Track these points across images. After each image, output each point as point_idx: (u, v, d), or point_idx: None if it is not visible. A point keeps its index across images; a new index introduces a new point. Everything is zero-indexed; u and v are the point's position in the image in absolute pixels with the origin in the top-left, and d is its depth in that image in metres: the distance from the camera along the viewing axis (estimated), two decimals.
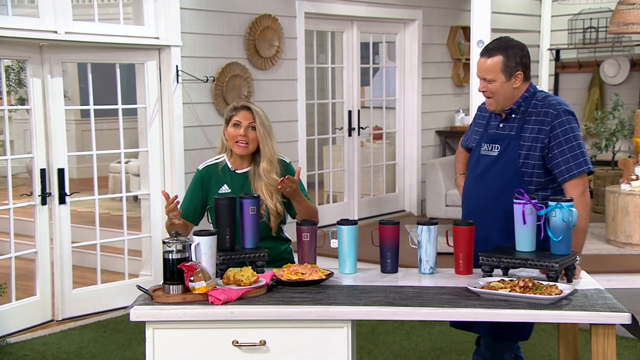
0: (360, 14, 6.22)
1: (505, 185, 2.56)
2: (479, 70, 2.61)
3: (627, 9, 5.76)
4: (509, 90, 2.58)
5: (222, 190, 2.75)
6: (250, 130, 2.73)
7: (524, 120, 2.61)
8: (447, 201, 6.12)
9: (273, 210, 2.71)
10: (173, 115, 4.85)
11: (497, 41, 2.61)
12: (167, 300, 2.27)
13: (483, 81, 2.59)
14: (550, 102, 2.61)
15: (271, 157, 2.73)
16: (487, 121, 2.76)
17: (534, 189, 2.59)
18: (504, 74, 2.55)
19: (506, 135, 2.64)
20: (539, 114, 2.60)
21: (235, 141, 2.73)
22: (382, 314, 2.23)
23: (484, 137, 2.73)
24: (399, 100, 6.81)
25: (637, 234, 5.20)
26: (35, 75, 4.31)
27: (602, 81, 7.70)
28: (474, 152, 2.78)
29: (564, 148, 2.55)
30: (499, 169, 2.63)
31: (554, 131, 2.56)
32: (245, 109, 2.74)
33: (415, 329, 4.22)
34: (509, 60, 2.55)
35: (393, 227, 2.59)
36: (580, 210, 2.50)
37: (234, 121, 2.74)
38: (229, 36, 5.23)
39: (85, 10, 6.35)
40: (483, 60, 2.59)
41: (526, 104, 2.63)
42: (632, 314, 2.14)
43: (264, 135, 2.73)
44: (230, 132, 2.75)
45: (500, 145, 2.65)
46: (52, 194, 4.38)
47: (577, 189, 2.55)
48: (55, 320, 4.46)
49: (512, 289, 2.25)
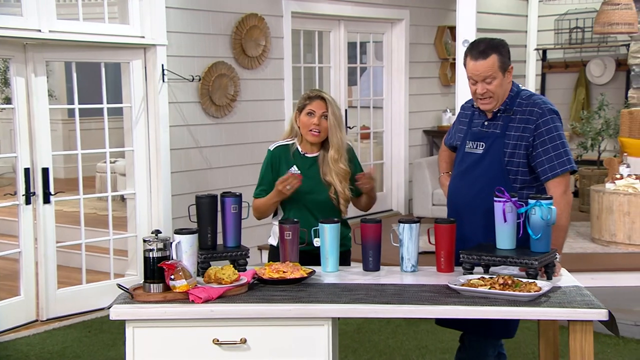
0: (348, 14, 6.23)
1: (491, 183, 2.57)
2: (476, 74, 2.57)
3: (611, 9, 5.80)
4: (505, 86, 2.61)
5: (292, 171, 2.82)
6: (323, 119, 2.79)
7: (509, 119, 2.63)
8: (433, 200, 6.14)
9: (342, 193, 2.79)
10: (159, 115, 4.84)
11: (483, 43, 2.60)
12: (147, 298, 2.26)
13: (482, 83, 2.57)
14: (535, 101, 2.63)
15: (339, 146, 2.80)
16: (469, 119, 2.77)
17: (519, 186, 2.61)
18: (501, 71, 2.57)
19: (491, 133, 2.66)
20: (523, 113, 2.61)
21: (309, 129, 2.80)
22: (362, 311, 2.24)
23: (468, 135, 2.75)
24: (386, 100, 6.82)
25: (621, 232, 5.25)
26: (18, 74, 4.29)
27: (588, 81, 7.75)
28: (459, 150, 2.80)
29: (547, 147, 2.57)
30: (484, 166, 2.65)
31: (539, 130, 2.58)
32: (319, 99, 2.81)
33: (401, 328, 4.23)
34: (503, 56, 2.57)
35: (375, 226, 2.60)
36: (562, 209, 2.51)
37: (308, 109, 2.80)
38: (215, 35, 5.23)
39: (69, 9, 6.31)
40: (479, 63, 2.55)
41: (511, 102, 2.64)
42: (609, 310, 2.15)
43: (334, 125, 2.80)
44: (303, 120, 2.81)
45: (485, 143, 2.66)
46: (36, 194, 4.36)
47: (560, 187, 2.57)
48: (40, 320, 4.44)
49: (491, 286, 2.26)
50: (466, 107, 2.84)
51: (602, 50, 7.67)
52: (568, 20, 7.78)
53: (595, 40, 7.55)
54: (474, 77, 2.59)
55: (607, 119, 6.83)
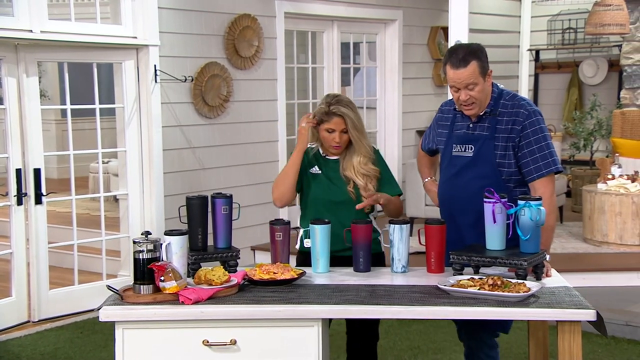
0: (341, 14, 6.24)
1: (485, 185, 2.57)
2: (458, 82, 2.57)
3: (603, 10, 5.82)
4: (487, 90, 2.62)
5: (313, 171, 2.81)
6: (343, 134, 2.77)
7: (495, 121, 2.64)
8: (426, 201, 6.14)
9: (362, 186, 2.75)
10: (151, 115, 4.84)
11: (461, 49, 2.59)
12: (137, 300, 2.26)
13: (465, 90, 2.57)
14: (520, 102, 2.65)
15: (366, 152, 2.78)
16: (451, 122, 2.77)
17: (512, 186, 2.62)
18: (482, 76, 2.58)
19: (479, 135, 2.66)
20: (510, 114, 2.63)
21: (330, 144, 2.79)
22: (352, 312, 2.24)
23: (453, 138, 2.74)
24: (379, 100, 6.83)
25: (613, 232, 5.27)
26: (10, 74, 4.28)
27: (581, 81, 7.78)
28: (444, 154, 2.79)
29: (533, 148, 2.59)
30: (476, 169, 2.65)
31: (525, 131, 2.59)
32: (337, 116, 2.75)
33: (393, 328, 4.24)
34: (482, 61, 2.58)
35: (365, 227, 2.60)
36: (549, 209, 2.53)
37: (327, 127, 2.76)
38: (207, 36, 5.22)
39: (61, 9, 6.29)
40: (460, 71, 2.55)
41: (495, 104, 2.66)
42: (597, 311, 2.16)
43: (357, 137, 2.77)
44: (324, 136, 2.79)
45: (474, 146, 2.67)
46: (28, 194, 4.35)
47: (546, 188, 2.58)
48: (32, 321, 4.43)
49: (481, 286, 2.27)
50: (445, 110, 2.83)
51: (594, 50, 7.70)
52: (561, 20, 7.80)
53: (588, 40, 7.58)
54: (456, 85, 2.59)
55: (599, 119, 6.86)
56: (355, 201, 2.74)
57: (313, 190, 2.79)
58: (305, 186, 2.81)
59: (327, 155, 2.83)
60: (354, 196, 2.75)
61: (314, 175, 2.80)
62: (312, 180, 2.80)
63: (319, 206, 2.77)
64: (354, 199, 2.74)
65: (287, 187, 2.78)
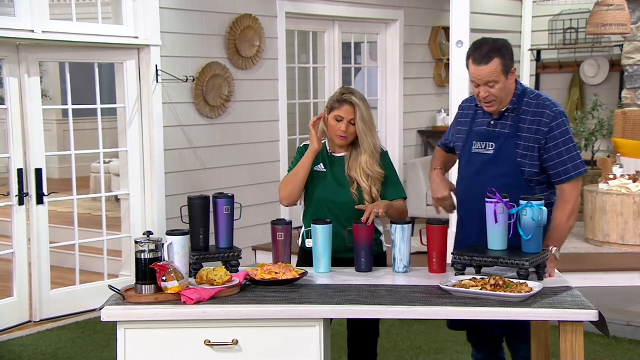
0: (342, 14, 6.24)
1: (506, 184, 2.55)
2: (478, 78, 2.54)
3: (604, 11, 5.82)
4: (509, 88, 2.58)
5: (318, 169, 2.78)
6: (350, 125, 2.74)
7: (518, 119, 2.60)
8: (427, 201, 6.14)
9: (367, 190, 2.73)
10: (153, 115, 4.84)
11: (485, 45, 2.55)
12: (139, 300, 2.26)
13: (485, 87, 2.54)
14: (546, 102, 2.61)
15: (372, 151, 2.75)
16: (471, 119, 2.73)
17: (533, 186, 2.60)
18: (504, 74, 2.53)
19: (500, 133, 2.62)
20: (535, 114, 2.59)
21: (336, 134, 2.75)
22: (354, 312, 2.24)
23: (473, 135, 2.70)
24: (380, 100, 6.83)
25: (614, 233, 5.27)
26: (12, 74, 4.28)
27: (582, 81, 7.77)
28: (463, 151, 2.74)
29: (561, 150, 2.57)
30: (497, 167, 2.62)
31: (552, 133, 2.57)
32: (348, 104, 2.73)
33: (395, 328, 4.24)
34: (505, 59, 2.53)
35: (366, 227, 2.60)
36: (573, 210, 2.55)
37: (336, 115, 2.74)
38: (209, 36, 5.23)
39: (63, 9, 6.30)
40: (482, 68, 2.51)
41: (519, 101, 2.62)
42: (599, 311, 2.16)
43: (364, 131, 2.74)
44: (331, 124, 2.76)
45: (494, 143, 2.63)
46: (29, 194, 4.35)
47: (574, 190, 2.59)
48: (33, 321, 4.43)
49: (483, 287, 2.27)
50: (465, 106, 2.80)
51: (596, 50, 7.69)
52: (562, 21, 7.80)
53: (589, 41, 7.57)
54: (476, 81, 2.56)
55: (600, 119, 6.85)
56: (357, 203, 2.72)
57: (317, 189, 2.78)
58: (309, 184, 2.79)
59: (333, 153, 2.81)
60: (357, 198, 2.73)
61: (318, 173, 2.78)
62: (316, 178, 2.78)
63: (322, 206, 2.76)
64: (357, 202, 2.73)
65: (296, 187, 2.75)
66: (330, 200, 2.75)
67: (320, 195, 2.77)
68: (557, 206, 2.61)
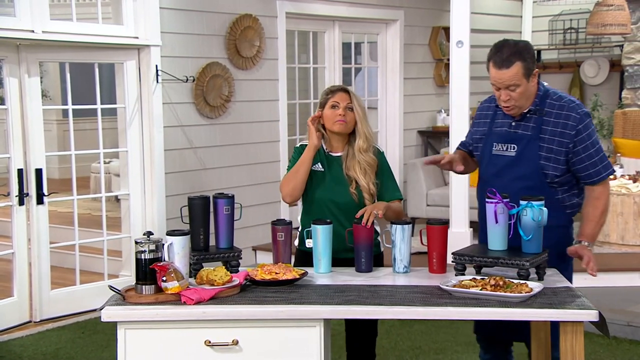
0: (342, 14, 6.24)
1: (528, 186, 2.54)
2: (499, 82, 2.50)
3: (604, 11, 5.82)
4: (530, 91, 2.55)
5: (315, 168, 2.78)
6: (348, 111, 2.75)
7: (541, 120, 2.58)
8: (428, 201, 6.15)
9: (365, 188, 2.73)
10: (153, 115, 4.84)
11: (507, 48, 2.50)
12: (139, 300, 2.26)
13: (506, 90, 2.51)
14: (570, 104, 2.58)
15: (368, 135, 2.76)
16: (491, 119, 2.71)
17: (556, 187, 2.59)
18: (525, 77, 2.50)
19: (522, 135, 2.60)
20: (559, 116, 2.56)
21: (335, 120, 2.75)
22: (354, 312, 2.24)
23: (493, 136, 2.68)
24: (380, 101, 6.83)
25: (614, 233, 5.27)
26: (12, 74, 4.28)
27: (582, 82, 7.77)
28: (483, 152, 2.71)
29: (590, 152, 2.56)
30: (518, 170, 2.60)
31: (580, 135, 2.54)
32: (343, 91, 2.77)
33: (395, 328, 4.24)
34: (527, 62, 2.50)
35: (366, 227, 2.60)
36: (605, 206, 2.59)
37: (332, 102, 2.76)
38: (209, 36, 5.23)
39: (63, 9, 6.30)
40: (502, 72, 2.48)
41: (541, 102, 2.59)
42: (599, 311, 2.16)
43: (362, 116, 2.76)
44: (327, 114, 2.77)
45: (517, 145, 2.60)
46: (29, 195, 4.35)
47: (605, 189, 2.60)
48: (33, 321, 4.43)
49: (483, 287, 2.27)
50: (484, 107, 2.77)
51: (596, 51, 7.69)
52: (562, 21, 7.80)
53: (589, 41, 7.57)
54: (496, 85, 2.53)
55: (601, 119, 6.85)
56: (357, 203, 2.73)
57: (315, 189, 2.78)
58: (307, 183, 2.79)
59: (330, 152, 2.82)
60: (356, 198, 2.74)
61: (315, 172, 2.78)
62: (314, 177, 2.78)
63: (322, 206, 2.76)
64: (356, 201, 2.73)
65: (298, 182, 2.74)
66: (329, 200, 2.75)
67: (320, 195, 2.77)
68: (587, 203, 2.62)
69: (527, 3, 7.78)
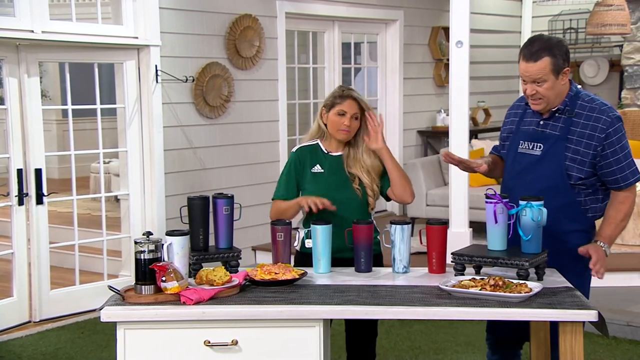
0: (342, 14, 6.24)
1: (550, 186, 2.52)
2: (526, 75, 2.48)
3: (604, 11, 5.83)
4: (559, 88, 2.52)
5: (315, 170, 2.78)
6: (353, 120, 2.75)
7: (570, 121, 2.55)
8: (427, 201, 6.14)
9: (369, 185, 2.73)
10: (152, 116, 4.84)
11: (538, 42, 2.49)
12: (138, 300, 2.26)
13: (532, 84, 2.49)
14: (602, 107, 2.56)
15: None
16: (520, 117, 2.69)
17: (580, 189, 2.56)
18: (553, 74, 2.47)
19: (550, 134, 2.57)
20: (589, 118, 2.53)
21: (339, 129, 2.75)
22: (354, 312, 2.24)
23: (520, 134, 2.65)
24: (380, 101, 6.83)
25: None
26: (11, 74, 4.28)
27: (582, 82, 7.77)
28: (510, 150, 2.69)
29: (619, 156, 2.53)
30: (542, 169, 2.57)
31: (609, 139, 2.52)
32: (351, 99, 2.75)
33: (394, 328, 4.24)
34: (556, 58, 2.46)
35: (366, 227, 2.60)
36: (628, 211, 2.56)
37: (339, 109, 2.74)
38: (209, 36, 5.23)
39: (62, 9, 6.30)
40: (530, 65, 2.46)
41: (571, 103, 2.56)
42: (599, 311, 2.16)
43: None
44: (333, 119, 2.76)
45: (543, 145, 2.57)
46: (29, 195, 4.35)
47: (632, 193, 2.57)
48: (33, 321, 4.43)
49: (482, 287, 2.27)
50: (515, 105, 2.75)
51: (595, 51, 7.70)
52: (562, 21, 7.80)
53: (589, 41, 7.58)
54: (524, 78, 2.52)
55: None
56: (361, 199, 2.73)
57: (316, 190, 2.77)
58: (307, 186, 2.79)
59: (330, 152, 2.81)
60: (360, 193, 2.74)
61: (315, 174, 2.78)
62: (314, 180, 2.78)
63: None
64: (360, 197, 2.73)
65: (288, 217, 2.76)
66: (332, 199, 2.74)
67: (322, 195, 2.75)
68: (611, 206, 2.59)
69: (526, 3, 7.78)
